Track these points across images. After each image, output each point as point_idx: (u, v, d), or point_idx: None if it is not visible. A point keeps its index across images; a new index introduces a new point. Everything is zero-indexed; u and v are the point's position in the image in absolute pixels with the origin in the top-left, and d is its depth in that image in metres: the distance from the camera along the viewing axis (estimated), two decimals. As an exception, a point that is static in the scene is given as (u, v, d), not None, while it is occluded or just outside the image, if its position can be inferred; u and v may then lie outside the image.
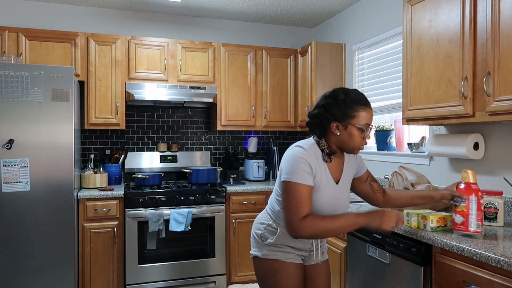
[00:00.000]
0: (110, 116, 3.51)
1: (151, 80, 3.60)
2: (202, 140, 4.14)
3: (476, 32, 1.95)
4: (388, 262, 2.06)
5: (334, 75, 3.75)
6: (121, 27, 3.87)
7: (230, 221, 3.53)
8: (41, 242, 2.87)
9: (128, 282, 3.23)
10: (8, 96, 2.80)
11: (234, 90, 3.85)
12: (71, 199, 2.95)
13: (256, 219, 1.89)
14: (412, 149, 2.82)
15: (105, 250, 3.21)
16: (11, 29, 3.26)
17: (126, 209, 3.23)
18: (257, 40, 4.28)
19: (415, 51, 2.34)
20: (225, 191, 3.50)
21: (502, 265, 1.45)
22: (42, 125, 2.88)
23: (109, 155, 3.81)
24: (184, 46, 3.69)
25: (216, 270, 3.45)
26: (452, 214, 1.78)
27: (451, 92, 2.08)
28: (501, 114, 1.83)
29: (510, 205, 2.14)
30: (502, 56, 1.80)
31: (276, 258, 1.74)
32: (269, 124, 3.96)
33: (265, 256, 1.76)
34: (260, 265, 1.78)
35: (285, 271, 1.73)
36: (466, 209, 1.71)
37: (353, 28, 3.68)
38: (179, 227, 3.24)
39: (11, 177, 2.80)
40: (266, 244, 1.76)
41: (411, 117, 2.37)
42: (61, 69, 2.93)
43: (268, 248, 1.76)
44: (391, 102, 3.17)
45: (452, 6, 2.06)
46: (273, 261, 1.74)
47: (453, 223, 1.78)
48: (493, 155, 2.27)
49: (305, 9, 3.84)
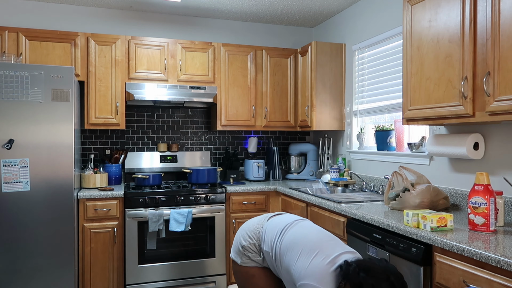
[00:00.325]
0: (110, 116, 3.51)
1: (151, 80, 3.60)
2: (202, 140, 4.14)
3: (476, 32, 1.95)
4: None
5: (334, 75, 3.75)
6: (121, 27, 3.87)
7: (230, 221, 3.53)
8: (41, 242, 2.87)
9: (128, 282, 3.23)
10: (8, 96, 2.80)
11: (234, 90, 3.85)
12: (71, 199, 2.95)
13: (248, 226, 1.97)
14: (412, 149, 2.82)
15: (105, 250, 3.21)
16: (11, 29, 3.26)
17: (126, 209, 3.23)
18: (257, 40, 4.28)
19: (415, 51, 2.34)
20: (225, 191, 3.50)
21: (502, 265, 1.45)
22: (42, 125, 2.88)
23: (109, 155, 3.81)
24: (184, 46, 3.69)
25: (216, 270, 3.45)
26: (470, 216, 1.85)
27: (451, 92, 2.08)
28: (501, 114, 1.83)
29: (510, 205, 2.14)
30: (502, 56, 1.80)
31: (252, 266, 1.91)
32: (269, 124, 3.96)
33: (243, 264, 1.92)
34: (237, 269, 1.95)
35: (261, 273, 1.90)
36: (487, 210, 1.80)
37: (353, 28, 3.68)
38: (179, 227, 3.24)
39: (11, 177, 2.80)
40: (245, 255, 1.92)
41: (411, 117, 2.37)
42: (61, 69, 2.93)
43: (246, 257, 1.92)
44: (391, 102, 3.17)
45: (452, 6, 2.06)
46: (249, 268, 1.91)
47: (471, 224, 1.84)
48: (493, 155, 2.27)
49: (305, 9, 3.84)
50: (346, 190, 3.37)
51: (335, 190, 3.40)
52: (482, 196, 1.81)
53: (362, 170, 3.50)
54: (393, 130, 3.08)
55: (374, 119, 3.47)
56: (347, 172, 3.53)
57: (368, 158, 3.40)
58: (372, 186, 3.26)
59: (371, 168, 3.36)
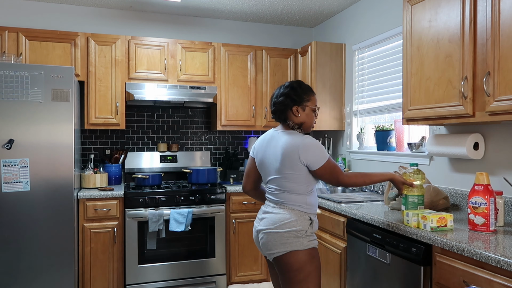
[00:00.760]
0: (110, 116, 3.51)
1: (151, 80, 3.60)
2: (202, 140, 4.14)
3: (476, 32, 1.95)
4: (388, 262, 2.06)
5: (334, 75, 3.75)
6: (121, 27, 3.87)
7: (230, 221, 3.53)
8: (41, 242, 2.87)
9: (128, 282, 3.23)
10: (8, 96, 2.80)
11: (234, 90, 3.85)
12: (71, 199, 2.95)
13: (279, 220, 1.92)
14: (412, 149, 2.82)
15: (105, 250, 3.21)
16: (11, 29, 3.26)
17: (126, 209, 3.23)
18: (257, 40, 4.28)
19: (415, 51, 2.34)
20: (225, 191, 3.50)
21: (502, 265, 1.45)
22: (42, 125, 2.88)
23: (109, 155, 3.81)
24: (184, 46, 3.69)
25: (216, 270, 3.45)
26: (470, 216, 1.84)
27: (451, 92, 2.08)
28: (501, 114, 1.83)
29: (510, 205, 2.14)
30: (502, 56, 1.80)
31: (314, 246, 1.94)
32: (269, 124, 3.96)
33: (307, 246, 1.90)
34: (299, 257, 1.89)
35: (318, 255, 1.96)
36: (487, 210, 1.79)
37: (353, 28, 3.68)
38: (179, 227, 3.24)
39: (11, 177, 2.80)
40: (307, 235, 1.91)
41: (411, 117, 2.37)
42: (61, 69, 2.93)
43: (308, 238, 1.92)
44: (391, 102, 3.17)
45: (452, 6, 2.06)
46: (312, 249, 1.92)
47: (471, 224, 1.84)
48: (493, 155, 2.27)
49: (305, 9, 3.84)
50: (346, 190, 3.38)
51: (335, 190, 3.40)
52: (482, 196, 1.81)
53: (362, 170, 3.50)
54: (393, 130, 3.08)
55: (374, 119, 3.47)
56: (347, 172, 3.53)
57: (368, 158, 3.40)
58: (372, 186, 3.26)
59: (371, 168, 3.36)
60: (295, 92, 2.01)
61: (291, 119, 2.02)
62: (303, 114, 2.02)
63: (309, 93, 2.03)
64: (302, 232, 1.91)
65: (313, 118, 2.06)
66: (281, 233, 1.91)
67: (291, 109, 2.00)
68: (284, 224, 1.91)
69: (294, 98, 1.99)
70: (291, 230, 1.90)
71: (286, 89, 2.03)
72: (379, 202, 2.67)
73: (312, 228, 1.96)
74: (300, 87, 2.03)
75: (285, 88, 2.04)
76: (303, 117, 2.02)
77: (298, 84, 2.05)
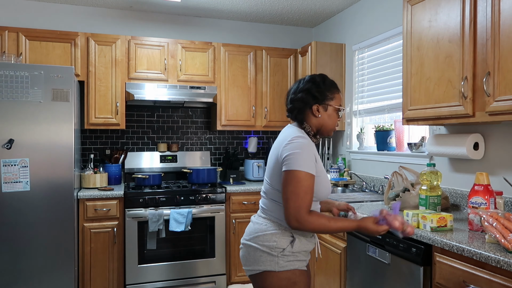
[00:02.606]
0: (110, 116, 3.51)
1: (151, 80, 3.60)
2: (202, 140, 4.14)
3: (476, 32, 1.95)
4: (388, 262, 2.06)
5: (334, 75, 3.74)
6: (121, 27, 3.87)
7: (230, 221, 3.53)
8: (41, 242, 2.87)
9: (128, 282, 3.23)
10: (8, 96, 2.80)
11: (234, 90, 3.85)
12: (71, 199, 2.95)
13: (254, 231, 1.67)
14: (412, 149, 2.82)
15: (105, 250, 3.21)
16: (11, 29, 3.26)
17: (126, 209, 3.23)
18: (257, 40, 4.28)
19: (415, 51, 2.34)
20: (225, 191, 3.50)
21: (502, 265, 1.45)
22: (42, 125, 2.88)
23: (109, 155, 3.81)
24: (184, 46, 3.69)
25: (216, 270, 3.45)
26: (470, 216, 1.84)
27: (451, 92, 2.08)
28: (501, 114, 1.83)
29: (510, 205, 2.14)
30: (502, 56, 1.80)
31: (294, 268, 1.62)
32: (269, 124, 3.96)
33: (283, 268, 1.60)
34: (275, 280, 1.60)
35: (302, 281, 1.63)
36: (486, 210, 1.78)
37: (353, 28, 3.68)
38: (179, 227, 3.24)
39: (11, 177, 2.80)
40: (284, 254, 1.61)
41: (411, 117, 2.37)
42: (61, 69, 2.93)
43: (285, 258, 1.61)
44: (391, 102, 3.17)
45: (452, 6, 2.06)
46: (291, 272, 1.61)
47: (471, 224, 1.84)
48: (493, 155, 2.27)
49: (305, 9, 3.84)
50: (346, 190, 3.38)
51: (335, 190, 3.40)
52: (482, 196, 1.81)
53: (362, 170, 3.50)
54: (393, 130, 3.08)
55: (374, 119, 3.47)
56: (347, 172, 3.54)
57: (368, 158, 3.40)
58: (372, 186, 3.26)
59: (371, 168, 3.36)
60: (318, 87, 1.68)
61: (309, 121, 1.70)
62: (325, 115, 1.70)
63: (334, 90, 1.71)
64: (276, 250, 1.60)
65: (335, 120, 1.73)
66: (254, 247, 1.64)
67: (311, 108, 1.68)
68: (257, 237, 1.64)
69: (316, 95, 1.67)
70: (264, 245, 1.62)
71: (306, 84, 1.70)
72: (379, 202, 2.67)
73: (292, 247, 1.62)
74: (324, 82, 1.70)
75: (306, 83, 1.71)
76: (324, 118, 1.70)
77: (321, 78, 1.72)
